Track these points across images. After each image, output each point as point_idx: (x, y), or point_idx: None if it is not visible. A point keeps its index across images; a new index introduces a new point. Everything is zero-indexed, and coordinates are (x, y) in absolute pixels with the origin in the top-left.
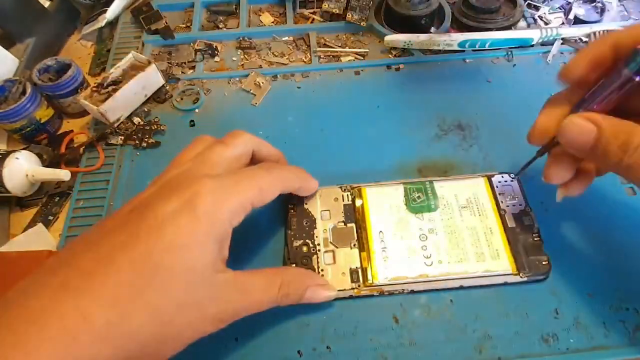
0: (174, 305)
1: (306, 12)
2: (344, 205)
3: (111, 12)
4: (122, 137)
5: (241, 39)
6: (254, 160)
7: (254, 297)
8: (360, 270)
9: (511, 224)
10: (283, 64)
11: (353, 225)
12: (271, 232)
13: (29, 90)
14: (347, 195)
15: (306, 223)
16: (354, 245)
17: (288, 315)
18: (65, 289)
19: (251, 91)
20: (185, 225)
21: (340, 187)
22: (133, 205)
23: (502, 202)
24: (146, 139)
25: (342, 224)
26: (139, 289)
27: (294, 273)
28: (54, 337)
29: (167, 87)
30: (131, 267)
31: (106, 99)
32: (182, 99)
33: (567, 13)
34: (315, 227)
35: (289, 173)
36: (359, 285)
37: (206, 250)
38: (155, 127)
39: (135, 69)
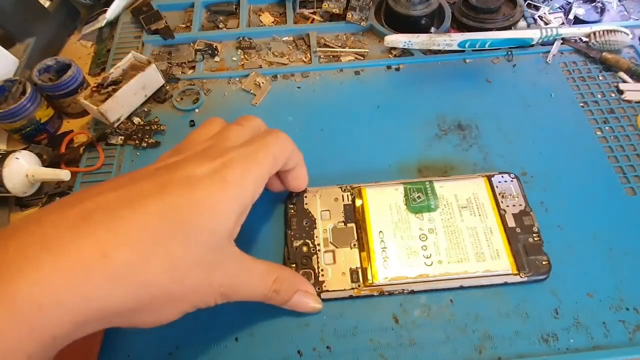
0: (189, 263)
1: (306, 12)
2: (344, 205)
3: (111, 12)
4: (122, 137)
5: (241, 39)
6: None
7: (252, 281)
8: (360, 270)
9: (511, 224)
10: (283, 64)
11: (353, 225)
12: (271, 232)
13: (29, 90)
14: (347, 195)
15: (306, 223)
16: (354, 245)
17: (288, 315)
18: (86, 221)
19: (251, 91)
20: (216, 189)
21: (340, 187)
22: (160, 165)
23: (502, 202)
24: (146, 139)
25: (342, 224)
26: (162, 238)
27: (290, 273)
28: (68, 269)
29: (167, 87)
30: (159, 215)
31: (106, 99)
32: (182, 99)
33: (567, 13)
34: (315, 227)
35: (290, 139)
36: (359, 285)
37: (230, 217)
38: (155, 127)
39: (135, 69)
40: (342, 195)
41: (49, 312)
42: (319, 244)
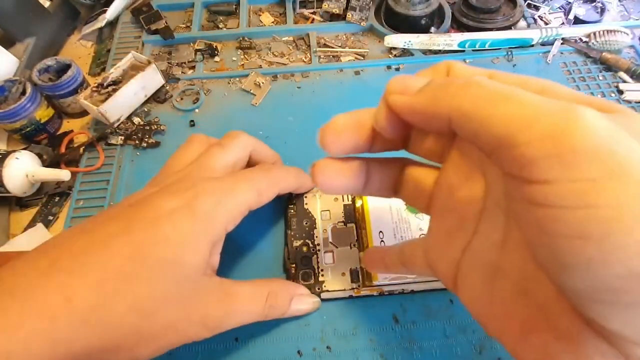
0: (158, 299)
1: (306, 12)
2: (344, 205)
3: (111, 12)
4: (122, 137)
5: (241, 39)
6: (251, 161)
7: (241, 306)
8: (360, 270)
9: None
10: (283, 64)
11: (353, 225)
12: (271, 232)
13: (29, 90)
14: (347, 195)
15: (306, 223)
16: (354, 245)
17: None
18: (53, 268)
19: (251, 91)
20: (182, 223)
21: None
22: (132, 200)
23: None
24: (146, 139)
25: (342, 224)
26: (126, 276)
27: (279, 283)
28: (34, 316)
29: (167, 87)
30: (122, 254)
31: (106, 99)
32: (182, 99)
33: (567, 13)
34: (315, 227)
35: (287, 174)
36: (359, 285)
37: (198, 249)
38: (155, 127)
39: (135, 69)
40: (342, 195)
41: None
42: (318, 244)
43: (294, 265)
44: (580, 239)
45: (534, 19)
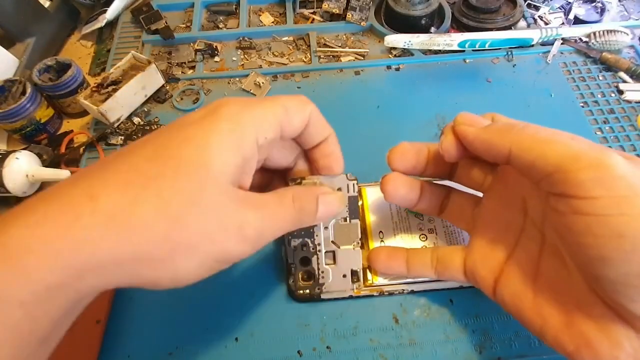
0: (184, 202)
1: (306, 12)
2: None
3: (111, 12)
4: (122, 137)
5: (241, 39)
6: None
7: (272, 211)
8: (360, 270)
9: None
10: (283, 64)
11: (357, 221)
12: None
13: (29, 90)
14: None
15: None
16: (355, 243)
17: (288, 316)
18: (82, 176)
19: (251, 91)
20: (207, 125)
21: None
22: None
23: None
24: None
25: (343, 220)
26: (149, 178)
27: (299, 187)
28: (58, 213)
29: (167, 87)
30: (147, 157)
31: (106, 99)
32: (182, 99)
33: (567, 13)
34: (316, 226)
35: (315, 107)
36: (359, 286)
37: (224, 152)
38: (155, 127)
39: (135, 69)
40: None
41: (40, 256)
42: (319, 244)
43: (293, 266)
44: (619, 237)
45: (534, 19)
